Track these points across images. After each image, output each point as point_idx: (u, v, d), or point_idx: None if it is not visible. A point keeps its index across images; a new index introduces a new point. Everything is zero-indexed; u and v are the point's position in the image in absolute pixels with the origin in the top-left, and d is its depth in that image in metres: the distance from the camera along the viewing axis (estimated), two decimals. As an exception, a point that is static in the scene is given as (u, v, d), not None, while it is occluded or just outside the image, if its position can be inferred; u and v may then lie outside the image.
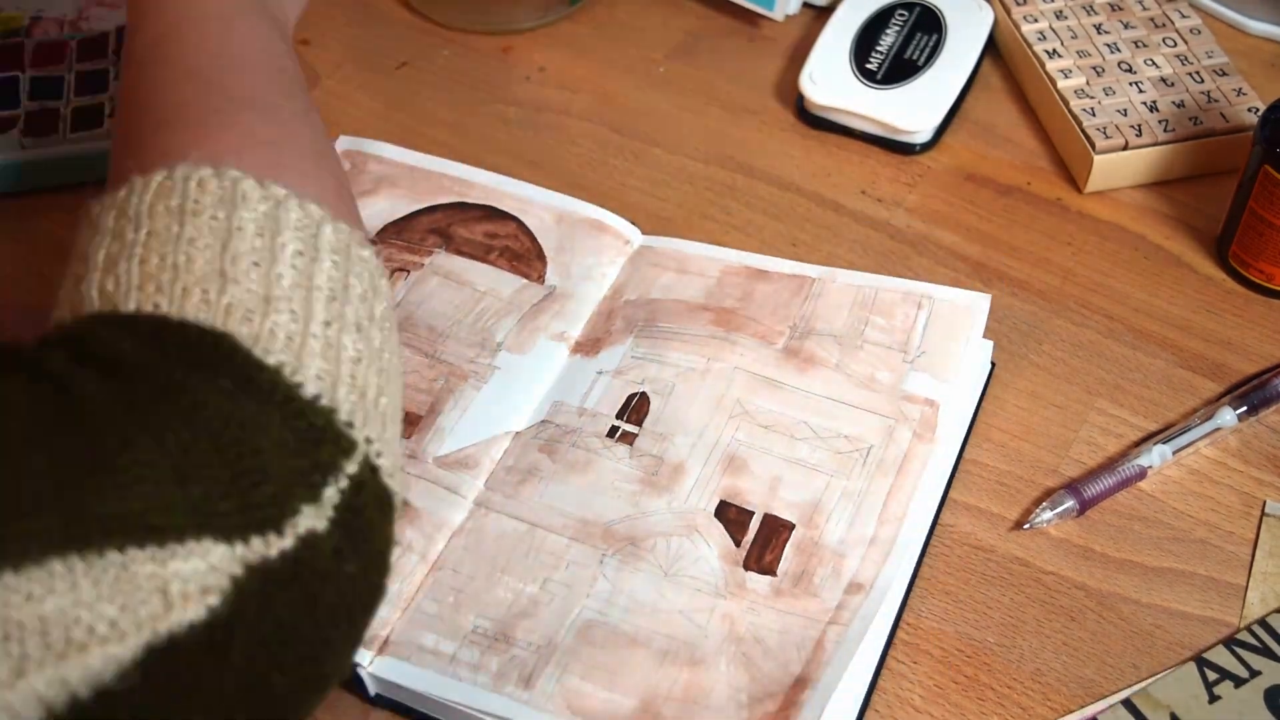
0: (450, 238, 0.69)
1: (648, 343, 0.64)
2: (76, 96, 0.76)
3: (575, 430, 0.62)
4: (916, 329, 0.63)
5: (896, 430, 0.60)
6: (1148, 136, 0.73)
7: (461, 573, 0.57)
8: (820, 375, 0.63)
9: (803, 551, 0.57)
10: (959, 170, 0.76)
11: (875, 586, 0.56)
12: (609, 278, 0.68)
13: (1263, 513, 0.61)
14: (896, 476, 0.59)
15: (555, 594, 0.56)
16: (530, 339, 0.65)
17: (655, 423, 0.62)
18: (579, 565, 0.57)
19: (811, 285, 0.66)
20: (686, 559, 0.57)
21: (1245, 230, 0.68)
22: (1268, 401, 0.63)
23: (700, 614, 0.56)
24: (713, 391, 0.62)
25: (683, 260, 0.68)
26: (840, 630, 0.54)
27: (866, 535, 0.57)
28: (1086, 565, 0.59)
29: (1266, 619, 0.57)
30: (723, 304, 0.66)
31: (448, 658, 0.55)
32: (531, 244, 0.69)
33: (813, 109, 0.77)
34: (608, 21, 0.85)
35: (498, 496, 0.60)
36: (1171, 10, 0.79)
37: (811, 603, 0.56)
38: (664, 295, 0.67)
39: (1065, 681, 0.56)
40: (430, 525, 0.59)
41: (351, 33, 0.85)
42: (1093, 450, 0.63)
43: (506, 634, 0.55)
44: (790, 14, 0.83)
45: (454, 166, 0.73)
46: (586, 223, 0.70)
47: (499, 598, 0.56)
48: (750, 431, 0.61)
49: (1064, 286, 0.70)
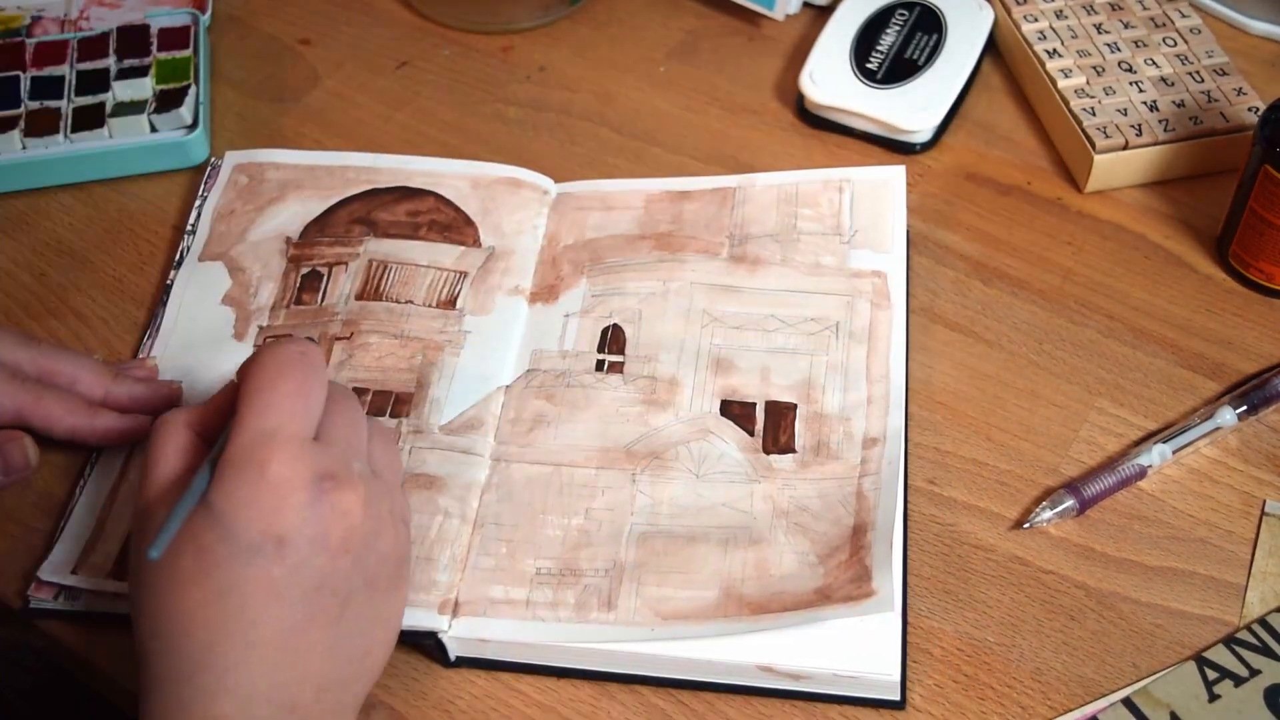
0: (374, 224, 0.70)
1: (602, 279, 0.67)
2: (76, 96, 0.76)
3: (565, 372, 0.64)
4: (844, 211, 0.69)
5: (855, 303, 0.65)
6: (1148, 136, 0.73)
7: (504, 524, 0.59)
8: (771, 272, 0.67)
9: (812, 424, 0.61)
10: (959, 170, 0.76)
11: (889, 436, 0.60)
12: (540, 229, 0.70)
13: (1263, 512, 0.61)
14: (870, 342, 0.64)
15: (602, 520, 0.59)
16: (489, 299, 0.67)
17: (636, 348, 0.65)
18: (614, 489, 0.60)
19: (734, 194, 0.70)
20: (711, 458, 0.60)
21: (1245, 230, 0.68)
22: (1268, 401, 0.63)
23: (741, 501, 0.59)
24: (679, 308, 0.66)
25: (605, 198, 0.71)
26: (874, 479, 0.59)
27: (862, 397, 0.62)
28: (1086, 565, 0.59)
29: (1266, 618, 0.57)
30: (658, 230, 0.69)
31: (523, 603, 0.56)
32: (456, 213, 0.71)
33: (813, 109, 0.77)
34: (608, 21, 0.85)
35: (512, 448, 0.61)
36: (1171, 10, 0.79)
37: (837, 465, 0.60)
38: (599, 233, 0.70)
39: (1065, 680, 0.56)
40: (459, 488, 0.60)
41: (351, 33, 0.85)
42: (1093, 450, 0.63)
43: (571, 567, 0.57)
44: (790, 14, 0.83)
45: (353, 157, 0.74)
46: (501, 182, 0.72)
47: (550, 536, 0.58)
48: (725, 335, 0.65)
49: (1064, 286, 0.70)
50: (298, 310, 0.67)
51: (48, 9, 0.83)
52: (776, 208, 0.69)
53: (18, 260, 0.72)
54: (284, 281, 0.68)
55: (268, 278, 0.69)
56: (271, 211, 0.72)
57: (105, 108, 0.76)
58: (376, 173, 0.73)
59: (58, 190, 0.75)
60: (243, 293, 0.68)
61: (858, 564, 0.55)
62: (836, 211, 0.69)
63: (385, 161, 0.73)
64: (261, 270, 0.69)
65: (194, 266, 0.70)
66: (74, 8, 0.83)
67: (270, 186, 0.73)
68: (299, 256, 0.69)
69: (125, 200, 0.75)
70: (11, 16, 0.82)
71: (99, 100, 0.76)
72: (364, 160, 0.74)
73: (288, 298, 0.68)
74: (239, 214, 0.72)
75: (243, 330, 0.67)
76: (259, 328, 0.67)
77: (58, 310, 0.70)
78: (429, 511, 0.59)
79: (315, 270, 0.69)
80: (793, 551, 0.57)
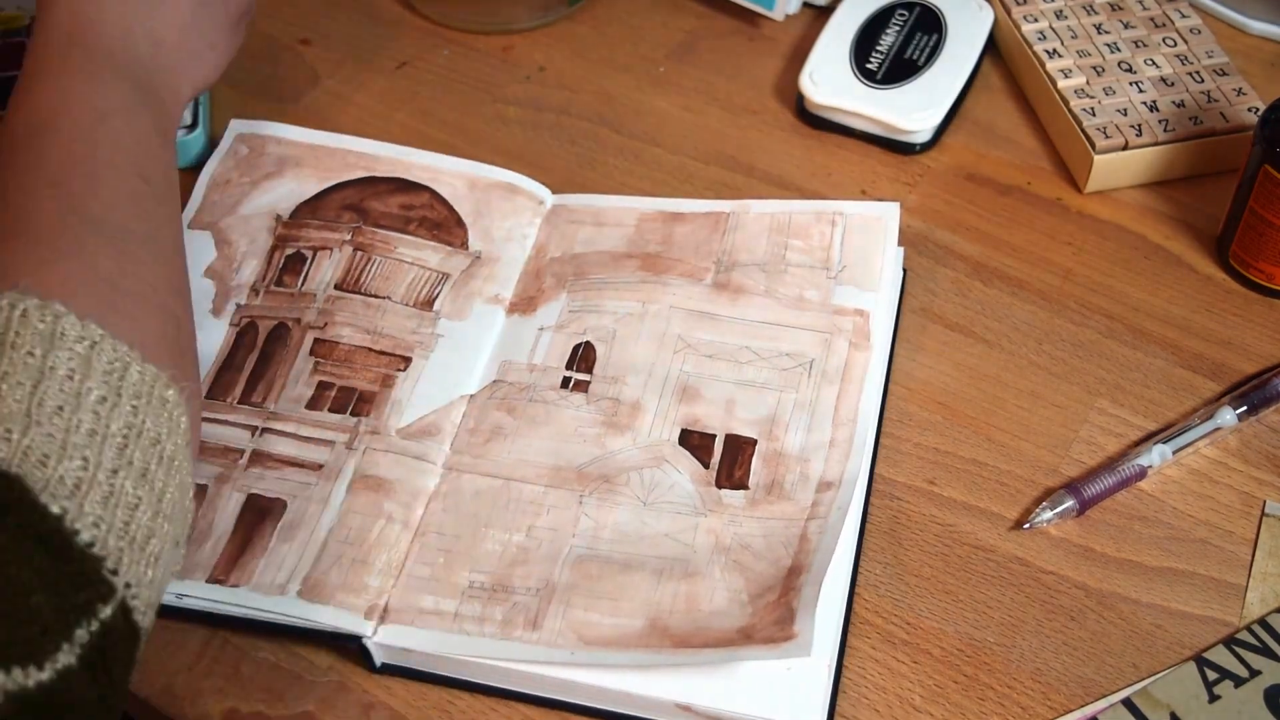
0: (366, 212, 0.70)
1: (582, 295, 0.67)
2: (76, 96, 0.76)
3: (530, 386, 0.63)
4: (834, 245, 0.67)
5: (834, 341, 0.64)
6: (1148, 136, 0.73)
7: (446, 534, 0.58)
8: (752, 303, 0.66)
9: (769, 462, 0.60)
10: (959, 170, 0.76)
11: (844, 481, 0.59)
12: (530, 238, 0.70)
13: (1263, 513, 0.61)
14: (841, 383, 0.62)
15: (542, 538, 0.58)
16: (467, 304, 0.67)
17: (604, 368, 0.64)
18: (559, 509, 0.59)
19: (727, 220, 0.69)
20: (661, 487, 0.60)
21: (1245, 230, 0.68)
22: (1268, 401, 0.63)
23: (685, 533, 0.58)
24: (653, 331, 0.65)
25: (598, 213, 0.71)
26: (820, 523, 0.57)
27: (825, 439, 0.61)
28: (1086, 565, 0.59)
29: (1266, 619, 0.57)
30: (646, 250, 0.68)
31: (450, 615, 0.56)
32: (448, 212, 0.70)
33: (813, 109, 0.77)
34: (608, 21, 0.85)
35: (466, 458, 0.61)
36: (1171, 10, 0.79)
37: (787, 505, 0.58)
38: (587, 249, 0.69)
39: (1065, 681, 0.56)
40: (406, 494, 0.60)
41: (351, 33, 0.85)
42: (1093, 450, 0.63)
43: (504, 584, 0.57)
44: (790, 14, 0.83)
45: (356, 141, 0.74)
46: (499, 186, 0.72)
47: (488, 550, 0.58)
48: (696, 363, 0.64)
49: (1064, 286, 0.70)
50: (276, 292, 0.67)
51: (47, 9, 0.82)
52: (767, 236, 0.68)
53: (17, 260, 0.72)
54: (268, 260, 0.68)
55: (252, 254, 0.68)
56: (266, 186, 0.72)
57: (105, 108, 0.76)
58: (376, 160, 0.73)
59: (57, 190, 0.75)
60: (226, 266, 0.68)
61: (784, 606, 0.54)
62: (827, 245, 0.67)
63: (385, 150, 0.73)
64: (248, 245, 0.69)
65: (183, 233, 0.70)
66: (74, 8, 0.83)
67: (269, 160, 0.73)
68: (286, 236, 0.69)
69: (125, 200, 0.75)
70: (12, 16, 0.82)
71: (99, 100, 0.76)
72: (366, 146, 0.73)
73: (269, 278, 0.67)
74: (234, 185, 0.72)
75: (220, 306, 0.67)
76: (236, 305, 0.66)
77: (57, 310, 0.70)
78: (372, 515, 0.58)
79: (300, 252, 0.68)
80: (726, 588, 0.56)
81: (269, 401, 0.63)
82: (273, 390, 0.63)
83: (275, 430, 0.62)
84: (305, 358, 0.64)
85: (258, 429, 0.62)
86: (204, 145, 0.76)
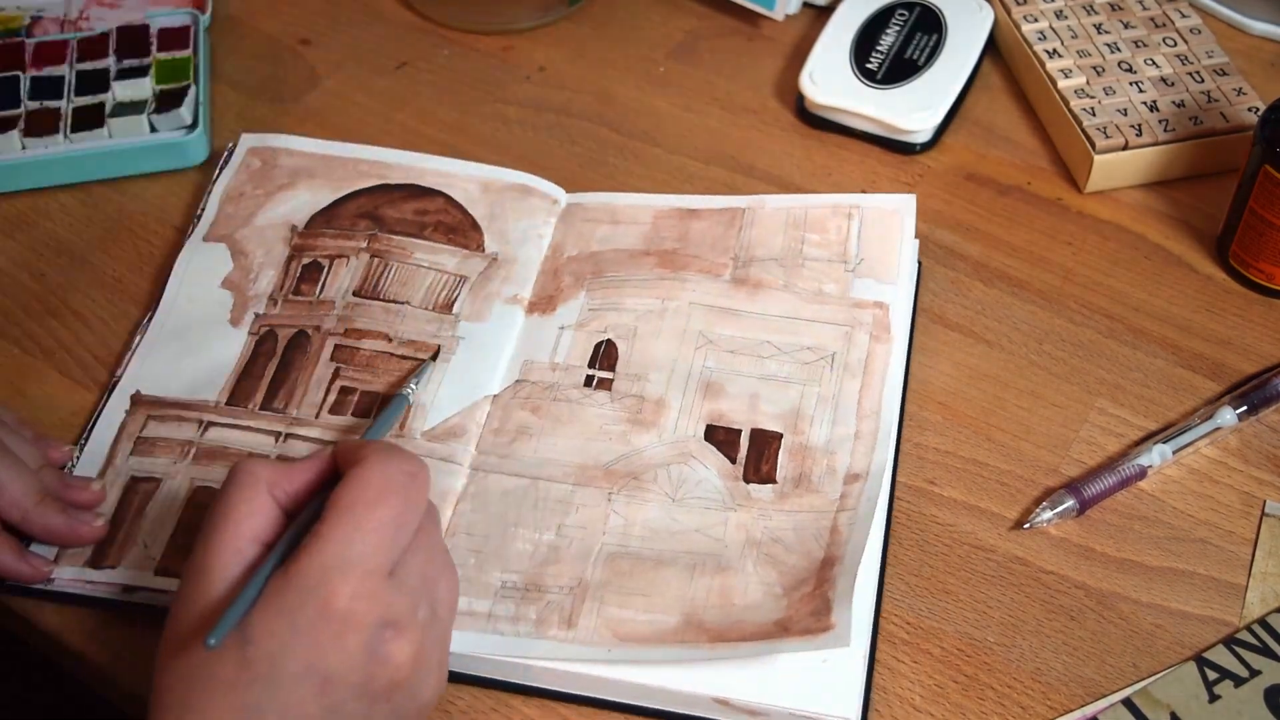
0: (381, 220, 0.70)
1: (601, 293, 0.67)
2: (76, 96, 0.76)
3: (553, 385, 0.63)
4: (851, 238, 0.68)
5: (854, 335, 0.64)
6: (1148, 136, 0.73)
7: (475, 534, 0.59)
8: (771, 297, 0.66)
9: (795, 456, 0.60)
10: (959, 170, 0.76)
11: (871, 473, 0.59)
12: (546, 238, 0.70)
13: (1263, 513, 0.61)
14: (864, 376, 0.63)
15: (573, 537, 0.58)
16: (486, 305, 0.67)
17: (627, 365, 0.64)
18: (588, 507, 0.59)
19: (743, 215, 0.70)
20: (689, 483, 0.60)
21: (1245, 230, 0.68)
22: (1268, 401, 0.63)
23: (715, 528, 0.58)
24: (674, 328, 0.65)
25: (614, 211, 0.71)
26: (850, 514, 0.58)
27: (850, 432, 0.61)
28: (1086, 565, 0.59)
29: (1266, 618, 0.57)
30: (663, 247, 0.69)
31: (484, 616, 0.56)
32: (463, 216, 0.71)
33: (813, 109, 0.77)
34: (608, 21, 0.85)
35: (492, 458, 0.61)
36: (1171, 10, 0.79)
37: (816, 498, 0.59)
38: (604, 247, 0.69)
39: (1065, 681, 0.56)
40: (435, 496, 0.59)
41: (351, 33, 0.85)
42: (1093, 450, 0.63)
43: (536, 583, 0.57)
44: (790, 14, 0.83)
45: (367, 150, 0.74)
46: (512, 188, 0.72)
47: (519, 550, 0.58)
48: (719, 358, 0.64)
49: (1064, 286, 0.70)
50: (295, 301, 0.67)
51: (48, 9, 0.82)
52: (784, 231, 0.68)
53: (17, 260, 0.72)
54: (285, 270, 0.68)
55: (269, 264, 0.69)
56: (281, 198, 0.72)
57: (105, 108, 0.76)
58: (388, 167, 0.73)
59: (57, 190, 0.75)
60: (243, 277, 0.68)
61: (820, 597, 0.54)
62: (844, 238, 0.68)
63: (399, 157, 0.73)
64: (264, 256, 0.69)
65: (197, 246, 0.70)
66: (74, 8, 0.83)
67: (282, 173, 0.73)
68: (302, 246, 0.69)
69: (125, 200, 0.75)
70: (11, 16, 0.82)
71: (99, 100, 0.76)
72: (378, 154, 0.74)
73: (287, 287, 0.68)
74: (248, 197, 0.72)
75: (239, 316, 0.67)
76: (255, 315, 0.67)
77: (57, 310, 0.70)
78: None
79: (316, 261, 0.69)
80: (759, 582, 0.56)
81: (291, 407, 0.63)
82: (294, 396, 0.63)
83: (299, 435, 0.62)
84: (326, 364, 0.64)
85: (281, 434, 0.62)
86: (204, 146, 0.76)
